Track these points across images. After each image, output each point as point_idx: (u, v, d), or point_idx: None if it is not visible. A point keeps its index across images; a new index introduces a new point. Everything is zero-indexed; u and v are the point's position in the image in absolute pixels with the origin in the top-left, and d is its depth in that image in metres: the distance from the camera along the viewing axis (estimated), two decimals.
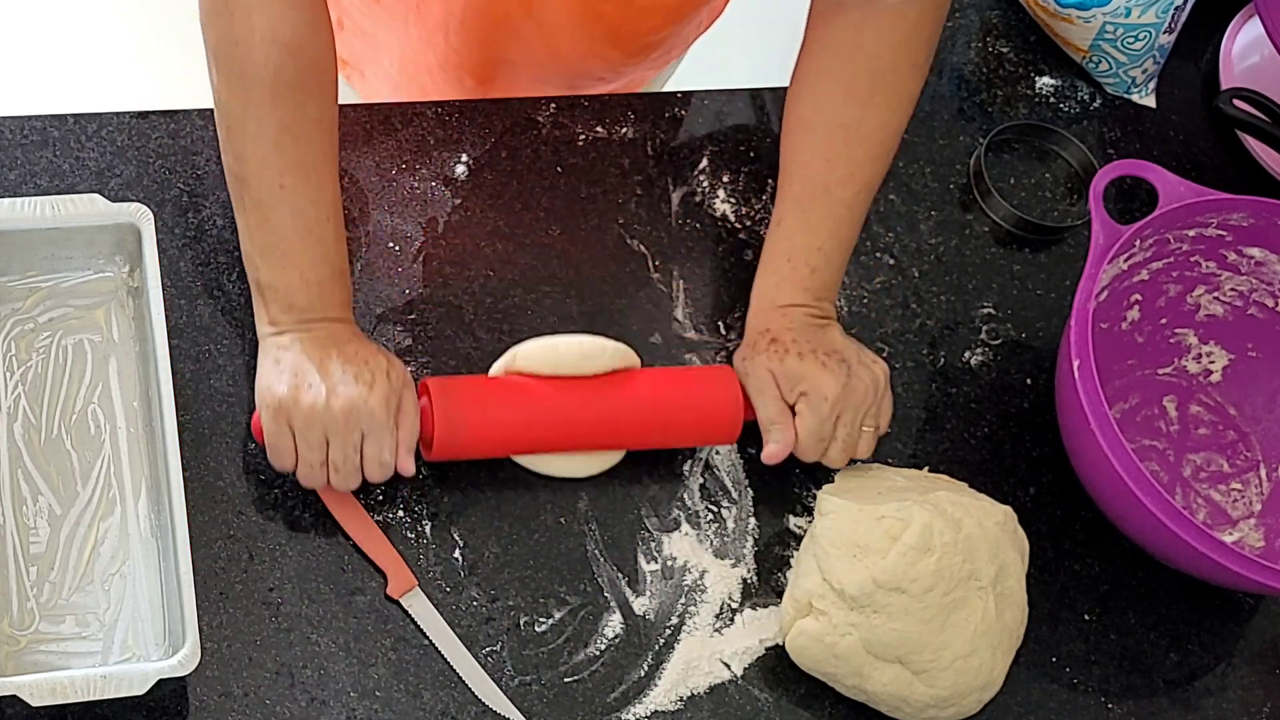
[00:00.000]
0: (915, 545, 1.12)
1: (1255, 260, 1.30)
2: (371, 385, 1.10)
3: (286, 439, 1.10)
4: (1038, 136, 1.45)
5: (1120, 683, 1.25)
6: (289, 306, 1.12)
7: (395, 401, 1.11)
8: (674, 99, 1.40)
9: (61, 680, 1.00)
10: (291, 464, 1.12)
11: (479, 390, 1.17)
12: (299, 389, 1.10)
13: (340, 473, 1.11)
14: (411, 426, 1.13)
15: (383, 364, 1.12)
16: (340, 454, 1.11)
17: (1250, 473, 1.36)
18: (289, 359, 1.11)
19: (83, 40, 2.47)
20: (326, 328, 1.13)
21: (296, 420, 1.10)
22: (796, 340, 1.21)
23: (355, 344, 1.13)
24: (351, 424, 1.10)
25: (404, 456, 1.12)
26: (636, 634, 1.18)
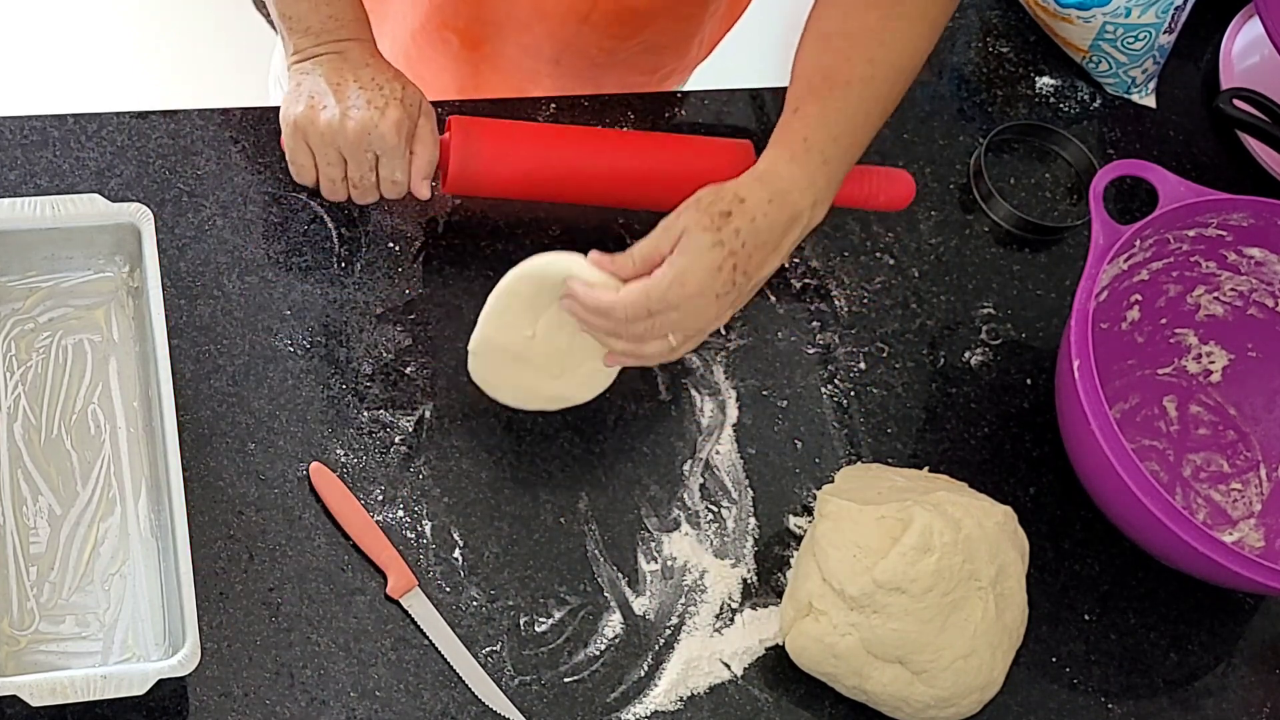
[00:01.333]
0: (915, 545, 1.12)
1: (1255, 260, 1.30)
2: (384, 109, 1.15)
3: (305, 155, 1.17)
4: (1038, 136, 1.45)
5: (1120, 683, 1.25)
6: (305, 31, 1.18)
7: (408, 126, 1.17)
8: (674, 99, 1.40)
9: (61, 680, 1.00)
10: (311, 179, 1.19)
11: (501, 131, 1.22)
12: (315, 109, 1.15)
13: (359, 189, 1.19)
14: (427, 153, 1.19)
15: (397, 89, 1.16)
16: (357, 172, 1.17)
17: (1250, 473, 1.36)
18: (309, 82, 1.17)
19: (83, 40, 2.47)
20: (344, 48, 1.18)
21: (313, 138, 1.16)
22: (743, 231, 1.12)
23: (373, 68, 1.18)
24: (363, 144, 1.15)
25: (417, 180, 1.19)
26: (636, 634, 1.18)
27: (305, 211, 1.27)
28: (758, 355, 1.30)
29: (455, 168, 1.21)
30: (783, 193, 1.14)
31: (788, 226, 1.14)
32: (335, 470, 1.18)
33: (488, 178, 1.23)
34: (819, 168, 1.16)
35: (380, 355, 1.23)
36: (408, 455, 1.20)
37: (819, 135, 1.16)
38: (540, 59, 1.39)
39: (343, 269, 1.26)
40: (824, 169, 1.16)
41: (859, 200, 1.28)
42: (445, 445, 1.21)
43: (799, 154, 1.15)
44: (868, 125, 1.18)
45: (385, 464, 1.19)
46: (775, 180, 1.14)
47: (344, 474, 1.18)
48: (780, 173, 1.15)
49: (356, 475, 1.18)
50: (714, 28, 1.48)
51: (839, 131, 1.16)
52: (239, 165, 1.27)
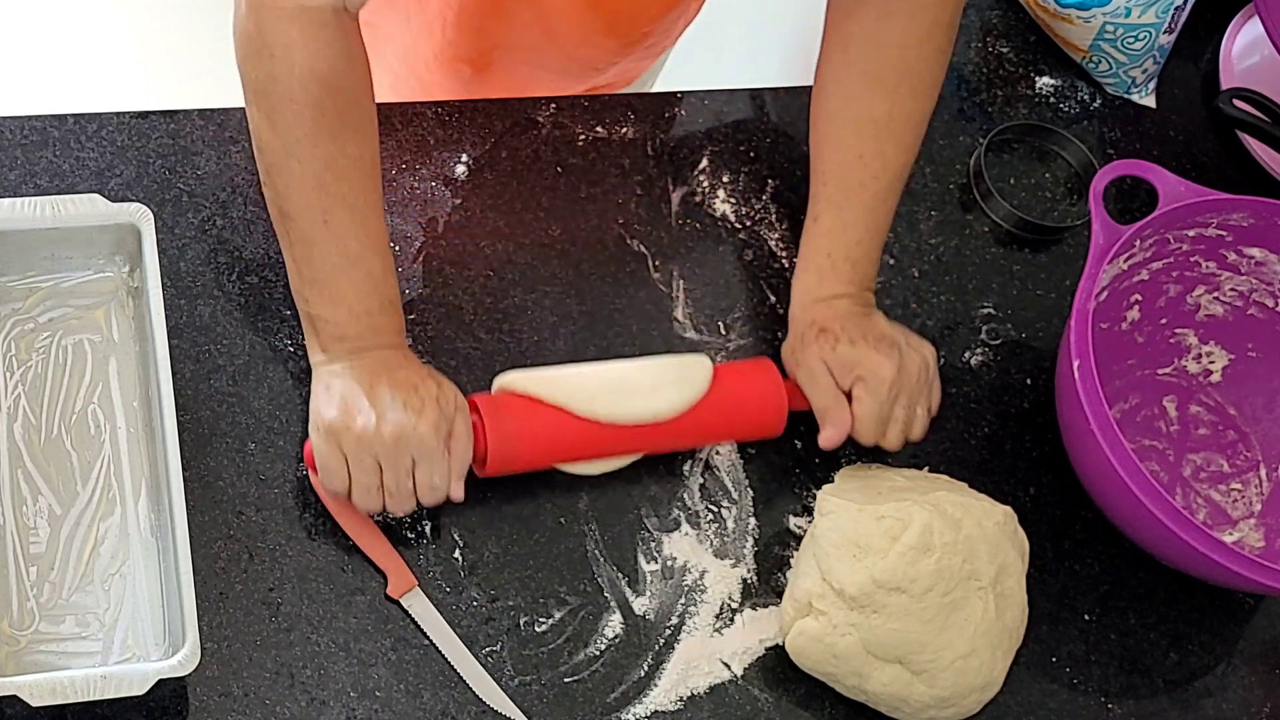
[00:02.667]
0: (915, 545, 1.12)
1: (1255, 260, 1.30)
2: (421, 412, 1.10)
3: (339, 462, 1.11)
4: (1038, 136, 1.45)
5: (1120, 683, 1.25)
6: (340, 337, 1.13)
7: (445, 427, 1.11)
8: (674, 99, 1.40)
9: (61, 680, 1.00)
10: (343, 487, 1.12)
11: (528, 407, 1.17)
12: (349, 414, 1.10)
13: (394, 497, 1.12)
14: (463, 452, 1.13)
15: (432, 389, 1.12)
16: (394, 480, 1.11)
17: (1250, 473, 1.36)
18: (339, 385, 1.11)
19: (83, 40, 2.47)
20: (378, 355, 1.13)
21: (348, 445, 1.10)
22: (845, 328, 1.22)
23: (406, 370, 1.13)
24: (402, 450, 1.10)
25: (455, 483, 1.13)
26: (636, 634, 1.18)
27: None
28: (758, 355, 1.30)
29: (494, 457, 1.15)
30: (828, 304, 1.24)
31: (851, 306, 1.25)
32: None
33: (524, 458, 1.18)
34: (848, 271, 1.25)
35: None
36: None
37: (840, 246, 1.25)
38: (547, 70, 1.39)
39: None
40: (853, 271, 1.25)
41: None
42: None
43: (826, 272, 1.25)
44: (887, 216, 1.27)
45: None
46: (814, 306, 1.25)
47: None
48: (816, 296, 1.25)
49: None
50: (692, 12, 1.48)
51: (860, 235, 1.25)
52: (239, 165, 1.27)
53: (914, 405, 1.23)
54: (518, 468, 1.18)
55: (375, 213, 1.13)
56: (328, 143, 1.09)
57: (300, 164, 1.09)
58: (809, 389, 1.22)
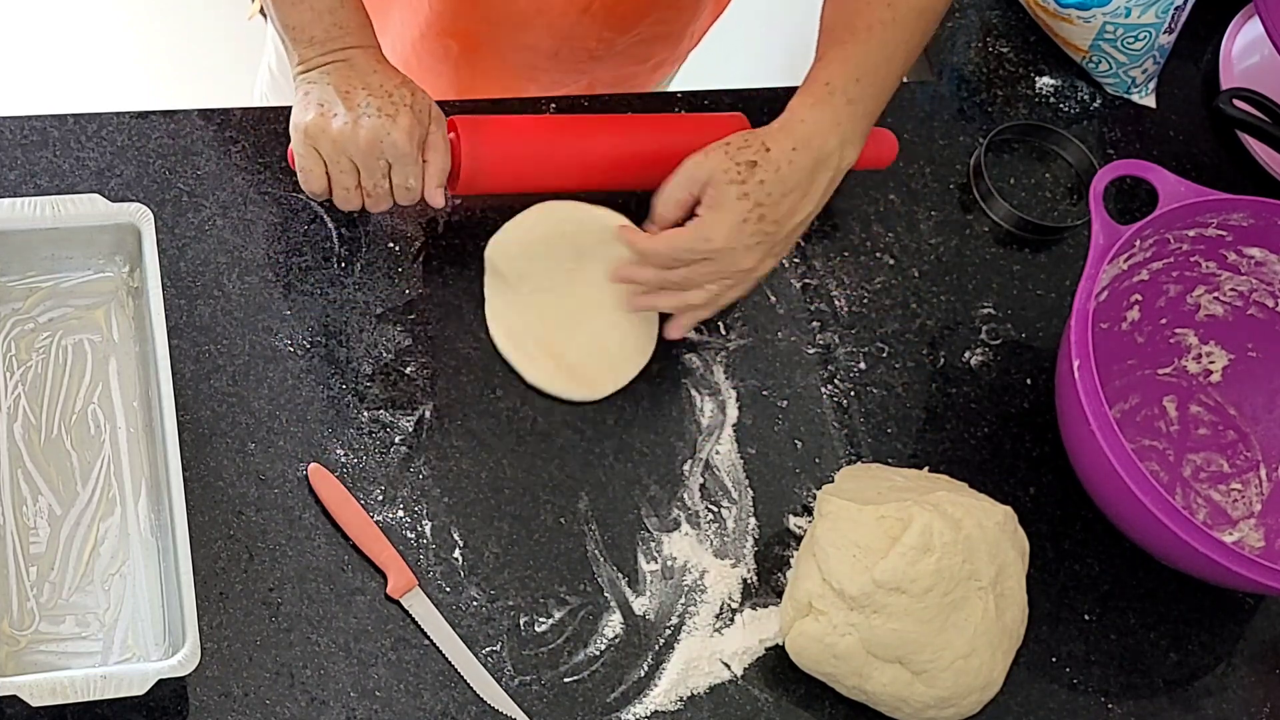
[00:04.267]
0: (915, 545, 1.12)
1: (1255, 260, 1.30)
2: (395, 117, 1.14)
3: (316, 164, 1.16)
4: (1038, 136, 1.45)
5: (1120, 683, 1.25)
6: (310, 41, 1.17)
7: (419, 133, 1.16)
8: (674, 99, 1.40)
9: (61, 680, 1.00)
10: (322, 187, 1.17)
11: (506, 127, 1.23)
12: (325, 117, 1.14)
13: (372, 197, 1.17)
14: (439, 160, 1.18)
15: (406, 95, 1.15)
16: (370, 181, 1.16)
17: (1250, 473, 1.36)
18: (316, 91, 1.16)
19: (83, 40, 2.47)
20: (350, 56, 1.17)
21: (324, 147, 1.15)
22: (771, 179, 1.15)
23: (381, 75, 1.16)
24: (375, 152, 1.14)
25: (431, 189, 1.18)
26: (636, 634, 1.18)
27: (305, 211, 1.27)
28: (758, 355, 1.30)
29: (466, 169, 1.21)
30: (806, 138, 1.17)
31: (814, 171, 1.17)
32: (335, 470, 1.18)
33: (498, 175, 1.23)
34: (844, 109, 1.18)
35: (380, 355, 1.23)
36: (408, 455, 1.20)
37: (841, 78, 1.18)
38: (538, 54, 1.39)
39: (343, 269, 1.26)
40: (849, 109, 1.18)
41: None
42: (445, 445, 1.21)
43: (822, 98, 1.18)
44: (890, 66, 1.21)
45: (385, 464, 1.19)
46: (798, 127, 1.17)
47: (344, 474, 1.18)
48: (804, 117, 1.18)
49: (356, 475, 1.18)
50: (705, 17, 1.48)
51: (861, 73, 1.19)
52: (239, 165, 1.27)
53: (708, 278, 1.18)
54: (492, 186, 1.23)
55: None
56: None
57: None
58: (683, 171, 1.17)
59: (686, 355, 1.29)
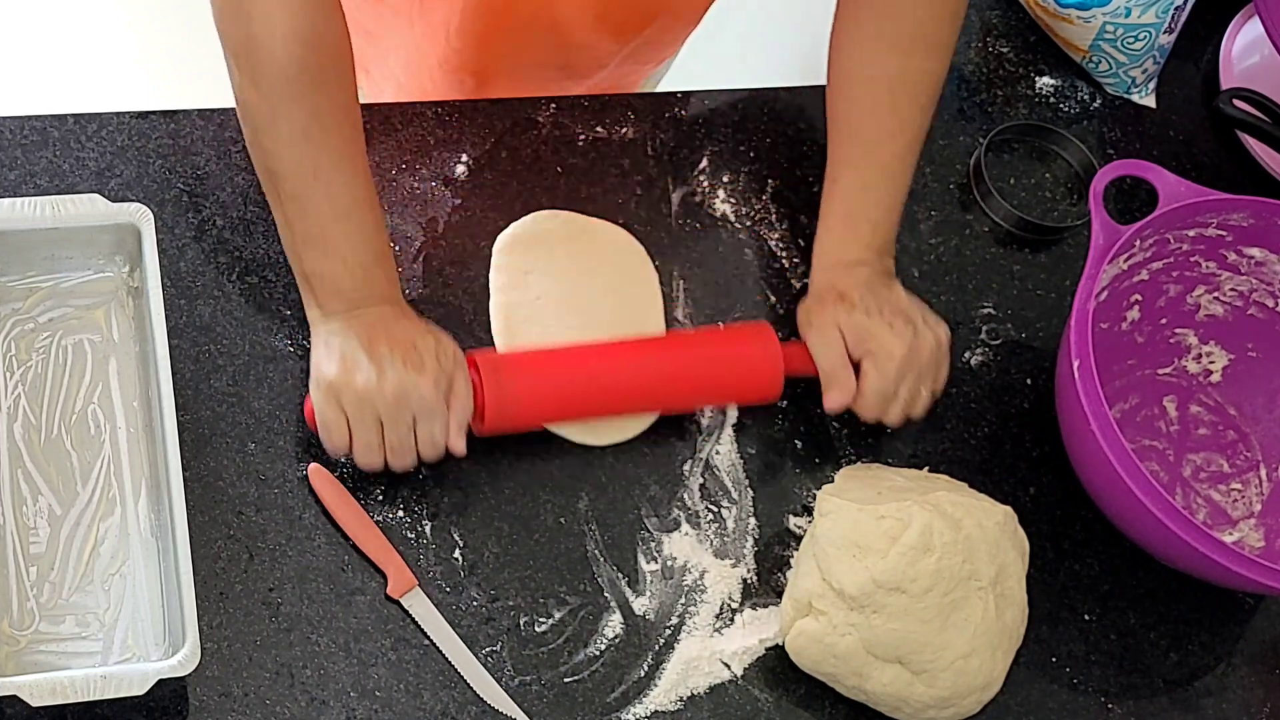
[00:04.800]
0: (915, 545, 1.12)
1: (1255, 260, 1.30)
2: (421, 368, 1.12)
3: (340, 420, 1.12)
4: (1038, 136, 1.45)
5: (1120, 683, 1.25)
6: (336, 293, 1.13)
7: (445, 382, 1.13)
8: (674, 99, 1.40)
9: (61, 680, 1.00)
10: (344, 444, 1.13)
11: (526, 364, 1.19)
12: (350, 372, 1.11)
13: (396, 453, 1.13)
14: (463, 406, 1.14)
15: (431, 345, 1.13)
16: (395, 436, 1.12)
17: (1250, 473, 1.36)
18: (338, 342, 1.12)
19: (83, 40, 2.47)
20: (375, 310, 1.14)
21: (348, 402, 1.11)
22: (864, 298, 1.22)
23: (404, 325, 1.14)
24: (402, 407, 1.11)
25: (455, 436, 1.14)
26: (636, 634, 1.18)
27: None
28: None
29: (491, 411, 1.17)
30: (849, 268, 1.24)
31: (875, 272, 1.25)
32: (335, 470, 1.18)
33: (522, 412, 1.19)
34: (868, 235, 1.25)
35: None
36: None
37: (859, 205, 1.26)
38: (548, 69, 1.39)
39: None
40: (873, 233, 1.25)
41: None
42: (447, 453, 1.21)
43: (846, 233, 1.26)
44: (904, 177, 1.27)
45: (392, 471, 1.19)
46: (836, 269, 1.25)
47: (344, 474, 1.18)
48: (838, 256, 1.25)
49: (356, 475, 1.18)
50: None
51: (879, 194, 1.26)
52: (239, 165, 1.27)
53: (920, 385, 1.23)
54: (516, 425, 1.19)
55: (362, 164, 1.15)
56: (312, 96, 1.11)
57: (287, 121, 1.10)
58: (818, 350, 1.23)
59: None
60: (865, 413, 1.23)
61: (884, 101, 1.25)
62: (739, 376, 1.23)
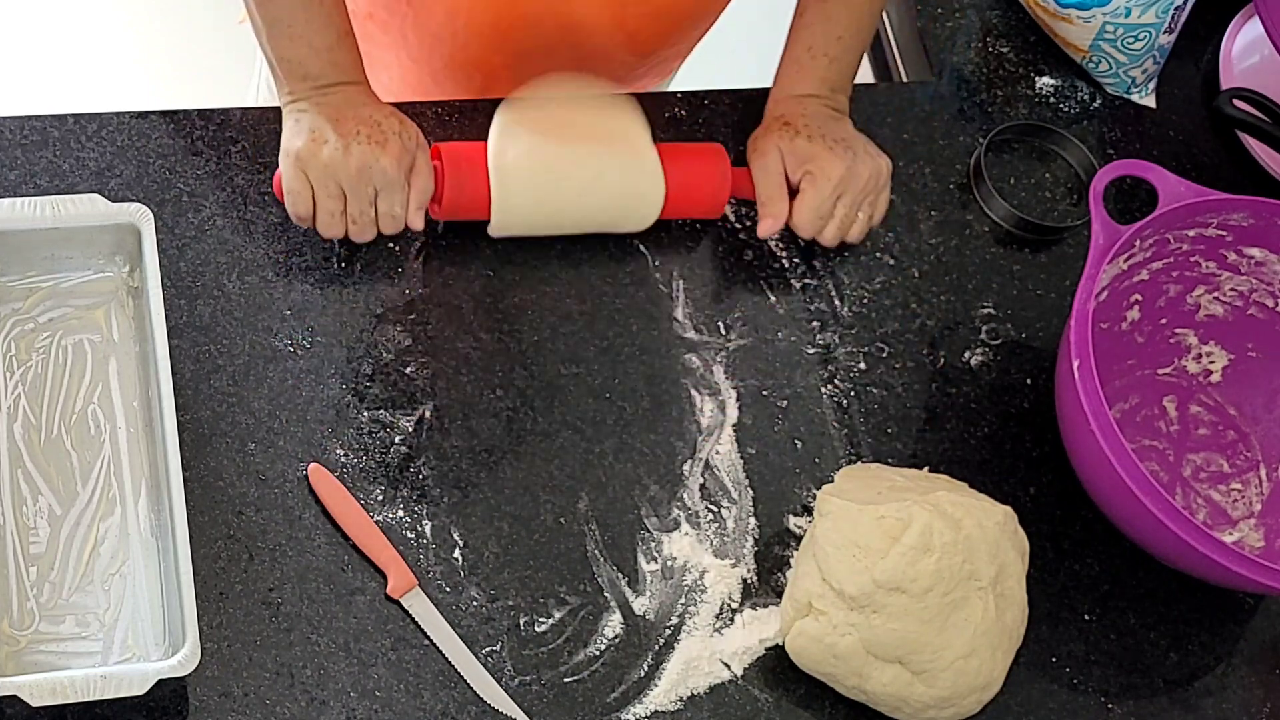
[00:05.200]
0: (915, 545, 1.12)
1: (1255, 260, 1.30)
2: (384, 144, 1.17)
3: (304, 188, 1.18)
4: (1038, 136, 1.45)
5: (1120, 683, 1.25)
6: (303, 76, 1.19)
7: (408, 160, 1.19)
8: (674, 99, 1.40)
9: (61, 680, 1.00)
10: (308, 212, 1.19)
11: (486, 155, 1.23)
12: (316, 143, 1.17)
13: (357, 224, 1.20)
14: (423, 186, 1.20)
15: (395, 125, 1.19)
16: (356, 208, 1.19)
17: (1250, 473, 1.36)
18: (307, 119, 1.18)
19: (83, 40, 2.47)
20: (341, 91, 1.20)
21: (313, 171, 1.17)
22: (808, 125, 1.29)
23: (370, 106, 1.20)
24: (365, 179, 1.17)
25: (414, 213, 1.21)
26: (636, 634, 1.18)
27: None
28: (758, 355, 1.30)
29: (449, 194, 1.23)
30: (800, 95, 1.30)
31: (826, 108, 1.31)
32: (335, 470, 1.18)
33: (479, 201, 1.24)
34: (824, 69, 1.31)
35: (380, 355, 1.23)
36: (408, 455, 1.20)
37: (820, 40, 1.30)
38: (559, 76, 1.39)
39: (343, 269, 1.26)
40: (829, 68, 1.31)
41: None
42: (445, 445, 1.21)
43: (804, 65, 1.31)
44: (870, 17, 1.31)
45: (385, 464, 1.19)
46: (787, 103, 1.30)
47: (344, 474, 1.18)
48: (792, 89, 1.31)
49: (356, 475, 1.18)
50: None
51: (841, 31, 1.30)
52: (239, 165, 1.27)
53: (855, 207, 1.28)
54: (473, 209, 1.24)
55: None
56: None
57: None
58: (758, 175, 1.29)
59: (686, 355, 1.29)
60: (801, 229, 1.29)
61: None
62: (686, 188, 1.28)
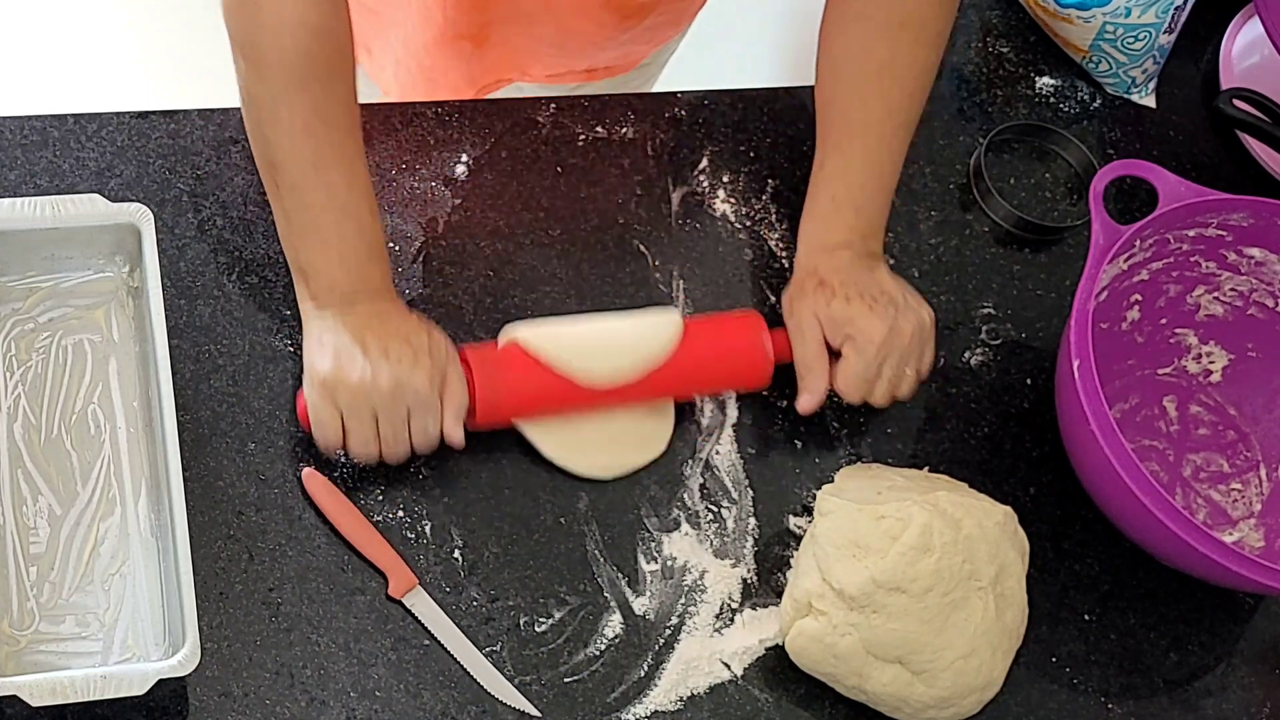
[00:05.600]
0: (915, 545, 1.12)
1: (1255, 260, 1.30)
2: (415, 363, 1.12)
3: (334, 418, 1.12)
4: (1038, 136, 1.45)
5: (1120, 683, 1.25)
6: (330, 287, 1.14)
7: (439, 377, 1.13)
8: (674, 99, 1.40)
9: (61, 680, 1.00)
10: (337, 441, 1.13)
11: (516, 358, 1.19)
12: (344, 368, 1.11)
13: (390, 446, 1.14)
14: (457, 398, 1.15)
15: (424, 340, 1.14)
16: (390, 431, 1.13)
17: (1250, 473, 1.36)
18: (332, 338, 1.13)
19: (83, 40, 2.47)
20: (368, 305, 1.14)
21: (342, 397, 1.12)
22: (844, 283, 1.22)
23: (397, 320, 1.14)
24: (398, 401, 1.12)
25: (452, 429, 1.15)
26: (636, 634, 1.18)
27: None
28: None
29: (483, 404, 1.17)
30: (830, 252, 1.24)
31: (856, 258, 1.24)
32: (335, 470, 1.18)
33: (514, 404, 1.19)
34: (851, 219, 1.24)
35: None
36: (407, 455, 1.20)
37: (843, 189, 1.25)
38: (545, 43, 1.39)
39: None
40: (856, 218, 1.25)
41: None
42: (445, 445, 1.21)
43: (830, 217, 1.25)
44: (892, 163, 1.26)
45: (385, 464, 1.19)
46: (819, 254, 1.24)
47: (344, 474, 1.18)
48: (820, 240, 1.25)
49: (356, 476, 1.18)
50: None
51: (865, 179, 1.25)
52: (239, 165, 1.27)
53: (903, 366, 1.22)
54: (508, 417, 1.20)
55: (360, 160, 1.15)
56: (316, 89, 1.11)
57: (289, 111, 1.11)
58: (796, 343, 1.23)
59: None
60: (848, 396, 1.22)
61: (872, 87, 1.24)
62: (729, 368, 1.23)
